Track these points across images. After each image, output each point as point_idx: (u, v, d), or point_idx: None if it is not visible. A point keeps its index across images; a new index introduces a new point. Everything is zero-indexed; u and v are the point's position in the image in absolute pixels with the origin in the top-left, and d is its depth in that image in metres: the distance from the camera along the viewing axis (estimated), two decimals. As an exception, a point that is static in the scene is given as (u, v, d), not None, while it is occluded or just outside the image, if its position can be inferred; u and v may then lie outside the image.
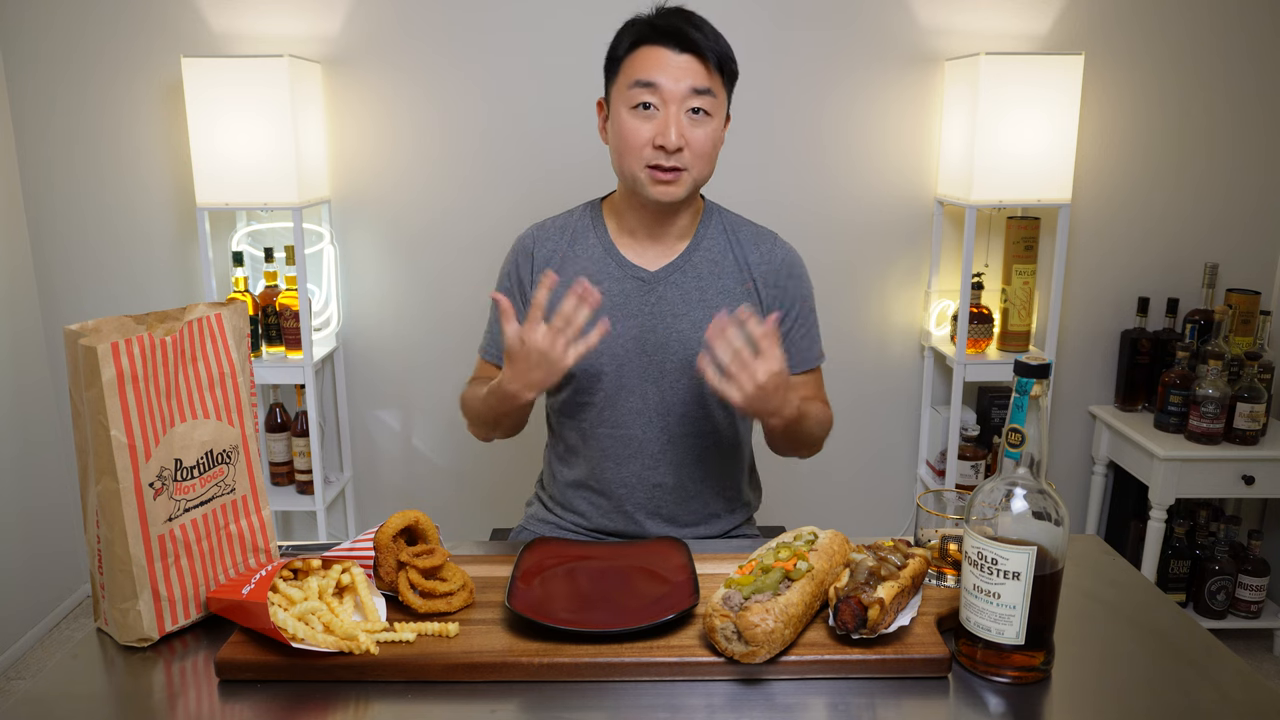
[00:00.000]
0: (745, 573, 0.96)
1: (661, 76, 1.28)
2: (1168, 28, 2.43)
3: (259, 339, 2.38)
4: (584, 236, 1.44)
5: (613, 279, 1.41)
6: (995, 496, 0.91)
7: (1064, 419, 2.66)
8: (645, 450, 1.43)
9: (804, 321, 1.46)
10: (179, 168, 2.46)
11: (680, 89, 1.28)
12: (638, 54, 1.30)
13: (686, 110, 1.29)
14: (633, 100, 1.29)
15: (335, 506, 2.66)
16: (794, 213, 2.52)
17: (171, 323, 1.01)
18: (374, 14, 2.40)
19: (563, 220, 1.47)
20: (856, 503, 2.74)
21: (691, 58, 1.29)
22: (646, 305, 1.40)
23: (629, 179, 1.34)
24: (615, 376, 1.40)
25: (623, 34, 1.34)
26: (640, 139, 1.30)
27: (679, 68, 1.28)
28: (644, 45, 1.30)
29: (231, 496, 1.05)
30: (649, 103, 1.29)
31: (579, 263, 1.42)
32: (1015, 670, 0.92)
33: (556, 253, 1.43)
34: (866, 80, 2.46)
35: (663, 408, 1.42)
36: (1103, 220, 2.54)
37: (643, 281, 1.40)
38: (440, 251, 2.53)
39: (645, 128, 1.29)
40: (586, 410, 1.44)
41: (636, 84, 1.29)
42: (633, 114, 1.30)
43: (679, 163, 1.30)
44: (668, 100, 1.28)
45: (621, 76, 1.32)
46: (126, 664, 0.97)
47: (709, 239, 1.43)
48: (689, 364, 1.39)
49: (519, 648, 0.94)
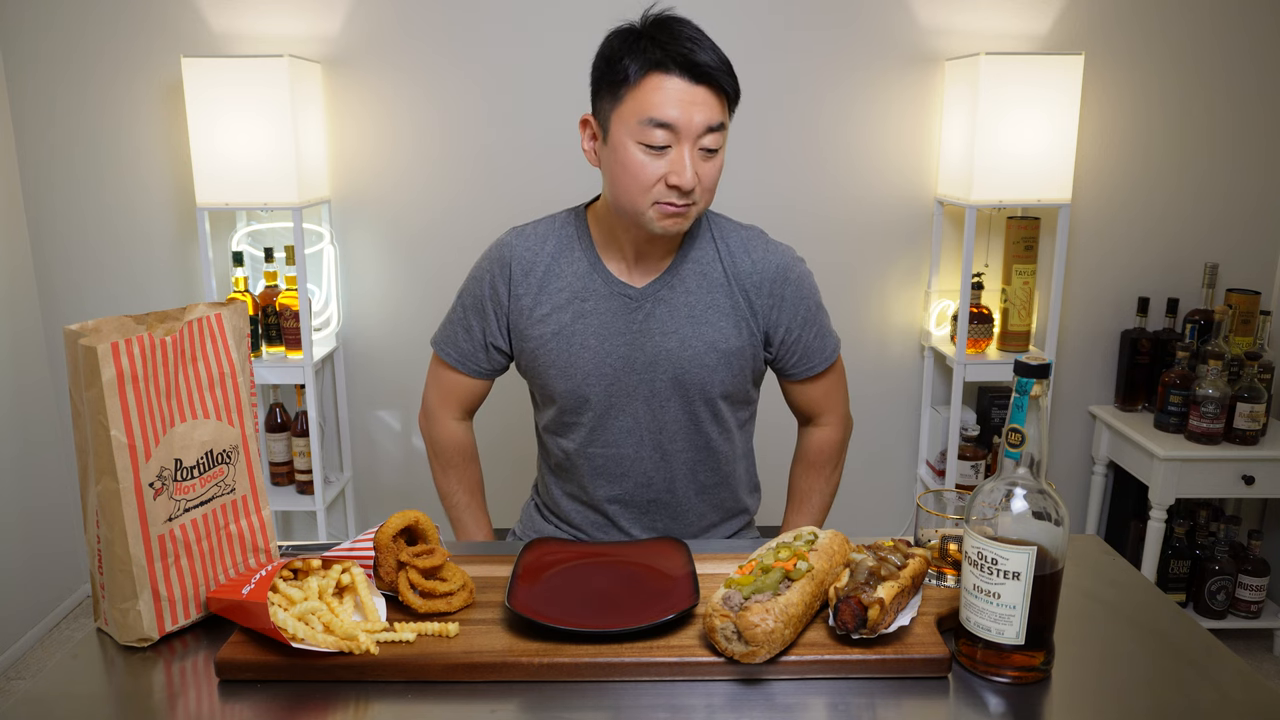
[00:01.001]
0: (745, 573, 0.96)
1: (676, 113, 1.19)
2: (1168, 28, 2.43)
3: (259, 339, 2.38)
4: (568, 250, 1.37)
5: (599, 296, 1.35)
6: (995, 496, 0.91)
7: (1064, 419, 2.66)
8: (638, 468, 1.40)
9: (812, 323, 1.40)
10: (179, 168, 2.46)
11: (696, 126, 1.20)
12: (648, 86, 1.20)
13: (700, 147, 1.22)
14: (645, 139, 1.20)
15: (335, 506, 2.66)
16: (794, 213, 2.52)
17: (171, 323, 1.01)
18: (374, 14, 2.40)
19: (544, 229, 1.39)
20: (856, 503, 2.73)
21: (706, 90, 1.21)
22: (634, 323, 1.35)
23: (630, 212, 1.26)
24: (604, 397, 1.37)
25: (624, 52, 1.22)
26: (651, 177, 1.22)
27: (694, 104, 1.20)
28: (654, 74, 1.20)
29: (231, 496, 1.05)
30: (663, 142, 1.20)
31: (563, 279, 1.36)
32: (1015, 670, 0.92)
33: (538, 265, 1.37)
34: (866, 80, 2.46)
35: (654, 426, 1.38)
36: (1103, 220, 2.54)
37: (630, 299, 1.35)
38: (440, 251, 2.53)
39: (657, 165, 1.21)
40: (576, 430, 1.40)
41: (650, 122, 1.19)
42: (642, 150, 1.21)
43: (690, 199, 1.24)
44: (682, 138, 1.20)
45: (628, 107, 1.21)
46: (126, 664, 0.97)
47: (697, 249, 1.37)
48: (679, 381, 1.36)
49: (519, 648, 0.94)
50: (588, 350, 1.35)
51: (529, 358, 1.39)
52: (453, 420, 1.50)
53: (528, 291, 1.37)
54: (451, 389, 1.47)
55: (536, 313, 1.37)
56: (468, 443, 1.52)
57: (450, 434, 1.50)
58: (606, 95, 1.25)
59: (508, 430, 2.31)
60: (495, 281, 1.38)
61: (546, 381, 1.38)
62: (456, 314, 1.43)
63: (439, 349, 1.45)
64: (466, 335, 1.42)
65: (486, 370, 1.45)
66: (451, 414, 1.49)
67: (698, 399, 1.38)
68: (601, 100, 1.26)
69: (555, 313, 1.36)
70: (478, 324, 1.41)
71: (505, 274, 1.38)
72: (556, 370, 1.37)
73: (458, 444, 1.50)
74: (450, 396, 1.48)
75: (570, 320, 1.35)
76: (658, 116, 1.19)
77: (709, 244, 1.38)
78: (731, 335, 1.36)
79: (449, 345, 1.44)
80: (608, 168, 1.27)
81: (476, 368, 1.44)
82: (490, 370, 1.45)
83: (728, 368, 1.37)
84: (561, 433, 1.43)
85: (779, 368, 1.45)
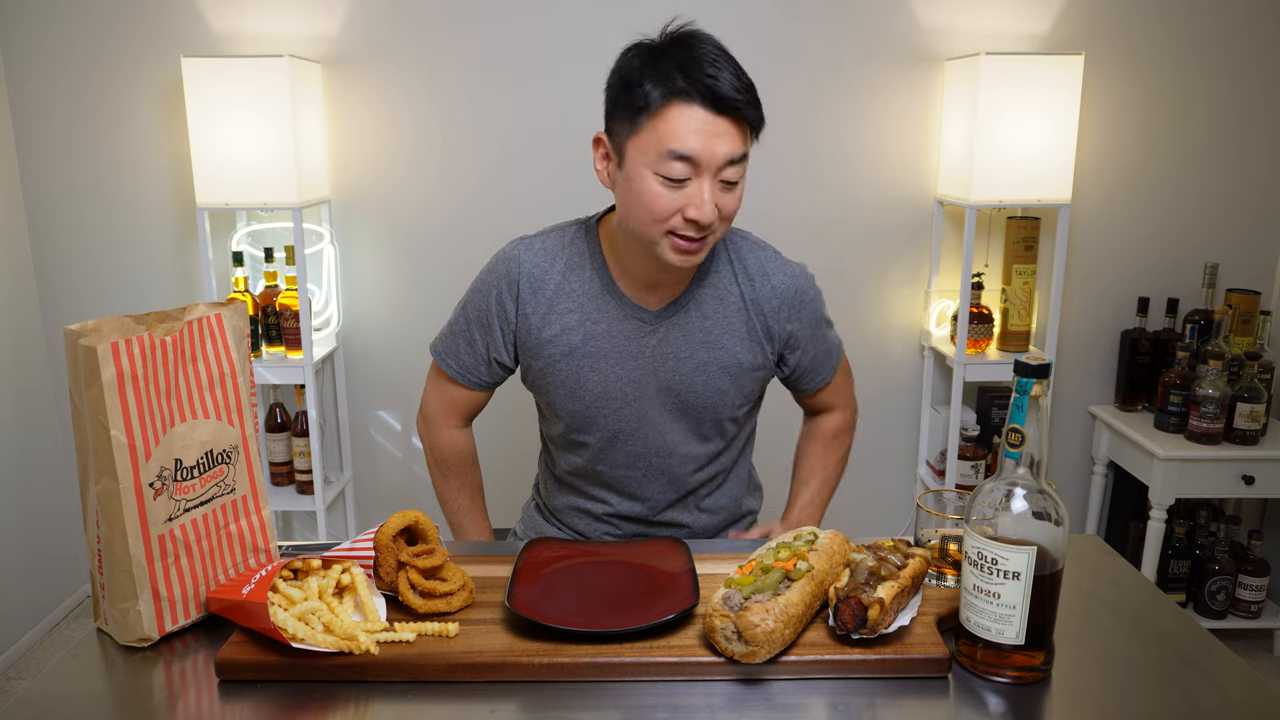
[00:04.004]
0: (745, 573, 0.96)
1: (698, 144, 1.13)
2: (1168, 28, 2.43)
3: (259, 339, 2.38)
4: (579, 268, 1.32)
5: (612, 319, 1.31)
6: (995, 496, 0.91)
7: (1064, 419, 2.66)
8: (645, 488, 1.40)
9: (820, 335, 1.40)
10: (179, 168, 2.46)
11: (718, 159, 1.14)
12: (669, 115, 1.13)
13: (720, 180, 1.16)
14: (664, 171, 1.14)
15: (335, 506, 2.66)
16: (794, 213, 2.52)
17: (171, 323, 1.01)
18: (374, 14, 2.40)
19: (554, 244, 1.34)
20: (856, 503, 2.73)
21: (729, 122, 1.14)
22: (648, 347, 1.31)
23: (644, 240, 1.21)
24: (613, 420, 1.34)
25: (643, 76, 1.15)
26: (667, 209, 1.16)
27: (716, 135, 1.13)
28: (677, 104, 1.13)
29: (231, 496, 1.05)
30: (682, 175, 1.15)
31: (574, 298, 1.31)
32: (1015, 670, 0.92)
33: (547, 283, 1.31)
34: (866, 80, 2.46)
35: (663, 450, 1.37)
36: (1103, 220, 2.54)
37: (643, 322, 1.31)
38: (440, 251, 2.53)
39: (675, 198, 1.16)
40: (583, 449, 1.39)
41: (670, 155, 1.13)
42: (659, 181, 1.15)
43: (707, 232, 1.19)
44: (703, 171, 1.15)
45: (647, 135, 1.15)
46: (126, 664, 0.97)
47: (714, 271, 1.33)
48: (690, 405, 1.34)
49: (519, 648, 0.94)
50: (598, 373, 1.32)
51: (536, 375, 1.36)
52: (452, 428, 1.48)
53: (536, 310, 1.32)
54: (452, 399, 1.45)
55: (545, 333, 1.32)
56: (468, 448, 1.50)
57: (450, 441, 1.48)
58: (623, 119, 1.18)
59: (507, 430, 2.31)
60: (503, 297, 1.33)
61: (554, 401, 1.36)
62: (459, 325, 1.39)
63: (439, 359, 1.42)
64: (469, 348, 1.39)
65: (487, 383, 1.43)
66: (451, 422, 1.47)
67: (708, 421, 1.37)
68: (618, 123, 1.20)
69: (565, 334, 1.32)
70: (481, 338, 1.37)
71: (513, 290, 1.32)
72: (565, 391, 1.34)
73: (458, 450, 1.49)
74: (451, 406, 1.46)
75: (581, 342, 1.31)
76: (678, 149, 1.13)
77: (725, 266, 1.34)
78: (745, 358, 1.34)
79: (450, 356, 1.41)
80: (622, 194, 1.21)
81: (477, 380, 1.41)
82: (491, 383, 1.43)
83: (740, 391, 1.36)
84: (568, 449, 1.41)
85: (792, 383, 1.46)
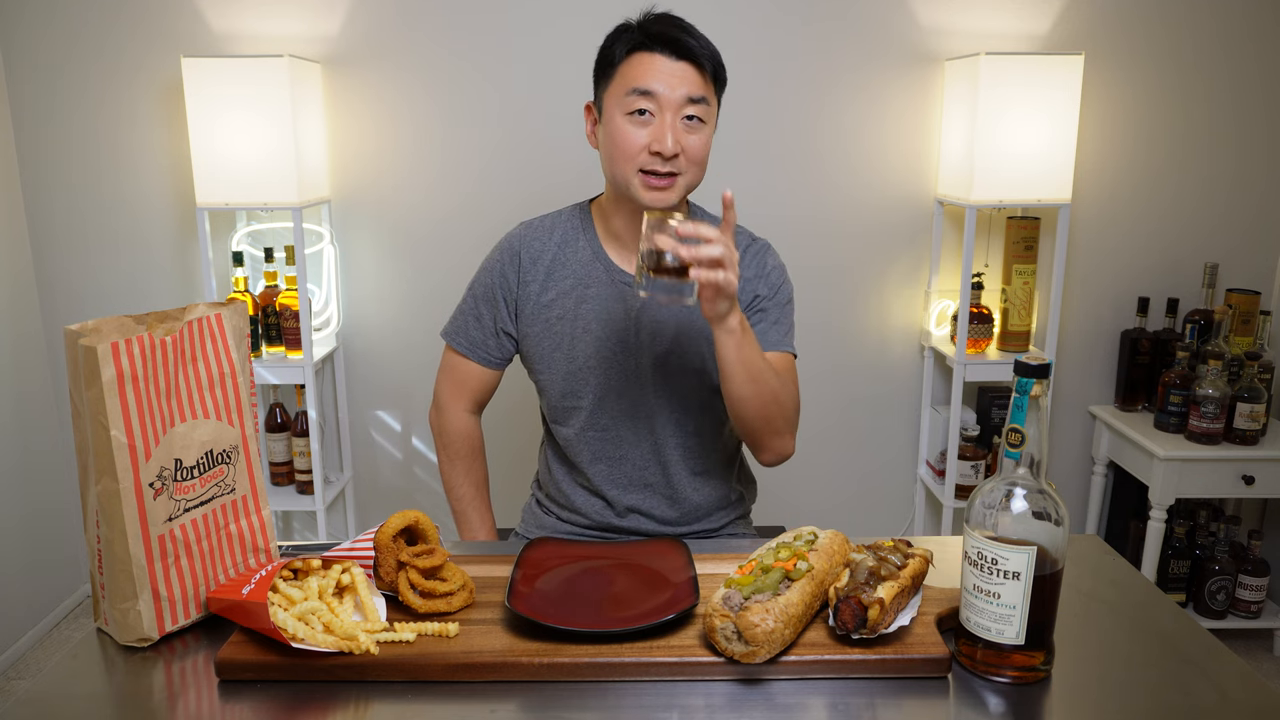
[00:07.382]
0: (745, 573, 0.96)
1: (658, 84, 1.28)
2: (1168, 28, 2.43)
3: (259, 339, 2.38)
4: (573, 240, 1.45)
5: (600, 284, 1.42)
6: (995, 496, 0.91)
7: (1064, 419, 2.66)
8: (635, 452, 1.46)
9: (778, 311, 1.44)
10: (179, 168, 2.46)
11: (677, 97, 1.29)
12: (633, 61, 1.30)
13: (681, 117, 1.30)
14: (629, 107, 1.30)
15: (335, 506, 2.66)
16: (794, 213, 2.52)
17: (171, 323, 1.01)
18: (374, 14, 2.40)
19: (551, 221, 1.48)
20: (856, 503, 2.73)
21: (687, 65, 1.29)
22: (632, 311, 1.41)
23: (621, 184, 1.34)
24: (603, 380, 1.43)
25: (615, 40, 1.34)
26: (635, 145, 1.30)
27: (675, 75, 1.29)
28: (639, 52, 1.30)
29: (231, 496, 1.05)
30: (645, 109, 1.29)
31: (568, 267, 1.44)
32: (1015, 670, 0.92)
33: (545, 254, 1.44)
34: (866, 80, 2.46)
35: (649, 411, 1.44)
36: (1103, 220, 2.54)
37: (629, 287, 1.42)
38: (440, 251, 2.53)
39: (641, 134, 1.30)
40: (576, 414, 1.46)
41: (633, 92, 1.29)
42: (628, 120, 1.30)
43: (674, 168, 1.30)
44: (664, 108, 1.29)
45: (616, 83, 1.32)
46: (126, 664, 0.97)
47: None
48: (674, 369, 1.42)
49: (519, 648, 0.94)
50: (589, 334, 1.42)
51: (534, 341, 1.45)
52: (463, 412, 1.55)
53: (535, 278, 1.44)
54: (463, 379, 1.52)
55: (543, 298, 1.44)
56: (476, 436, 1.57)
57: (460, 426, 1.55)
58: (601, 80, 1.36)
59: (508, 431, 2.31)
60: (505, 270, 1.45)
61: (550, 364, 1.45)
62: (467, 304, 1.50)
63: (450, 339, 1.52)
64: (477, 324, 1.48)
65: (497, 358, 1.50)
66: (462, 405, 1.55)
67: (690, 387, 1.44)
68: (598, 87, 1.37)
69: (560, 299, 1.43)
70: (488, 311, 1.47)
71: (515, 263, 1.45)
72: (561, 353, 1.43)
73: (466, 437, 1.56)
74: (462, 387, 1.53)
75: (573, 306, 1.42)
76: (640, 85, 1.29)
77: None
78: None
79: (460, 335, 1.50)
80: (603, 145, 1.36)
81: (487, 355, 1.50)
82: (500, 359, 1.51)
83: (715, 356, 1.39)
84: (562, 420, 1.48)
85: None
